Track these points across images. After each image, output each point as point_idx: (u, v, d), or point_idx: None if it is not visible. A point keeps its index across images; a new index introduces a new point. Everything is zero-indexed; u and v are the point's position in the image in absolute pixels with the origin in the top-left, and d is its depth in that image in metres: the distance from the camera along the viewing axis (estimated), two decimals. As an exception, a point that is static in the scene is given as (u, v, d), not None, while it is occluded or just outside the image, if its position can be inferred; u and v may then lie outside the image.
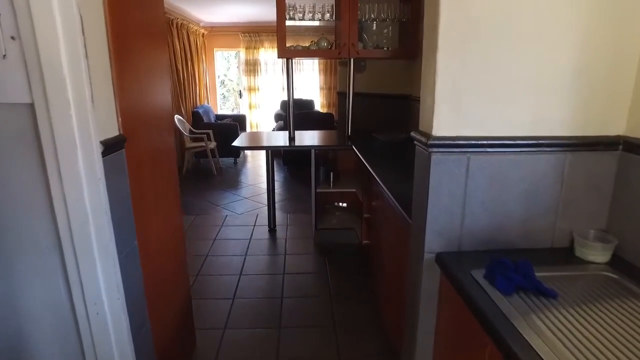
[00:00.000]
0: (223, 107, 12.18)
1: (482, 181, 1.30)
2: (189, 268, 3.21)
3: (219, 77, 12.73)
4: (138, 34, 1.63)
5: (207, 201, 4.97)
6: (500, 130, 1.27)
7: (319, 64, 8.86)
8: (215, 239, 3.84)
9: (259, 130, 9.11)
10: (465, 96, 1.24)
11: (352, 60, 3.43)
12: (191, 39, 7.27)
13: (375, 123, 3.97)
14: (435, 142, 1.25)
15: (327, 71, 8.86)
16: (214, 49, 8.70)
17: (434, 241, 1.35)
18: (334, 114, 9.09)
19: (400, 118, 3.70)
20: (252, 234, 3.93)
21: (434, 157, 1.27)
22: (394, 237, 2.02)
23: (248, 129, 8.44)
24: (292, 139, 3.54)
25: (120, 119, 1.37)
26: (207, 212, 4.61)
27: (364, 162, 2.69)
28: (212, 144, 6.37)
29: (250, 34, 8.47)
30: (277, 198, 4.96)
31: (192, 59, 7.27)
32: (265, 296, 2.89)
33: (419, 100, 1.40)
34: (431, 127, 1.27)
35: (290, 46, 3.37)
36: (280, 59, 3.53)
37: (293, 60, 3.49)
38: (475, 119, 1.26)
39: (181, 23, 6.71)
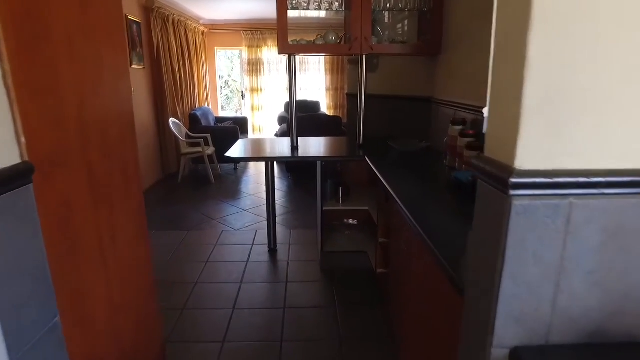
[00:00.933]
0: (227, 108, 11.75)
1: (592, 239, 0.81)
2: (174, 298, 2.77)
3: (221, 77, 12.31)
4: (69, 34, 1.18)
5: (202, 214, 4.51)
6: (627, 160, 0.78)
7: (325, 63, 8.38)
8: (207, 261, 3.37)
9: (261, 133, 8.65)
10: (572, 104, 0.75)
11: (364, 57, 2.95)
12: (189, 37, 6.82)
13: (390, 129, 3.48)
14: (521, 180, 0.76)
15: (334, 70, 8.38)
16: (215, 48, 8.25)
17: (508, 330, 0.87)
18: (341, 116, 8.63)
19: (419, 124, 3.21)
20: (249, 255, 3.46)
21: (516, 203, 0.78)
22: (427, 283, 1.53)
23: (250, 133, 7.98)
24: (295, 147, 3.06)
25: (24, 141, 0.90)
26: (202, 227, 4.14)
27: (380, 178, 2.21)
28: (210, 150, 5.91)
29: (253, 31, 8.01)
30: (279, 211, 4.48)
31: (190, 58, 6.82)
32: (262, 339, 2.41)
33: (443, 104, 0.90)
34: (512, 155, 0.78)
35: (293, 41, 2.90)
36: (284, 57, 3.04)
37: (297, 58, 3.01)
38: (585, 142, 0.77)
39: (178, 20, 6.26)
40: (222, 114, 8.98)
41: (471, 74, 2.46)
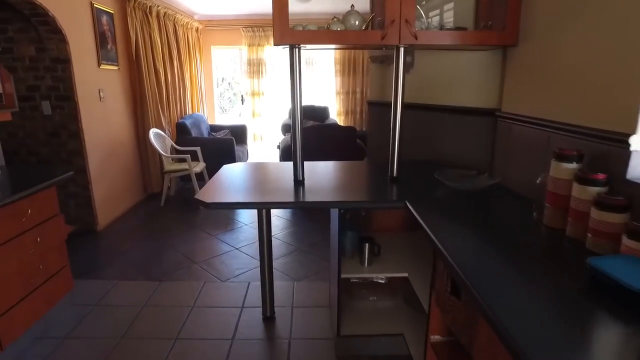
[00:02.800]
0: (231, 112, 10.81)
1: None
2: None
3: (224, 79, 11.40)
4: None
5: (182, 253, 3.56)
6: None
7: (336, 62, 7.41)
8: (177, 337, 2.41)
9: (262, 142, 7.70)
10: None
11: (401, 51, 1.98)
12: (180, 33, 5.89)
13: (432, 152, 2.51)
14: None
15: (347, 71, 7.41)
16: (211, 47, 7.32)
17: None
18: (355, 126, 7.67)
19: (477, 148, 2.23)
20: (236, 328, 2.50)
21: None
22: None
23: (250, 143, 7.03)
24: (300, 182, 2.09)
25: None
26: (178, 274, 3.18)
27: (441, 249, 1.26)
28: (200, 166, 4.96)
29: (254, 28, 7.08)
30: (280, 250, 3.52)
31: (180, 57, 5.89)
32: None
33: (520, 121, 0.10)
34: None
35: (297, 26, 1.95)
36: (287, 53, 2.08)
37: (302, 54, 2.05)
38: None
39: (165, 12, 5.33)
40: (221, 120, 8.05)
41: (585, 75, 1.49)
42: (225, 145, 5.36)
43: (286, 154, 4.79)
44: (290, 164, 2.22)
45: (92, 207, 3.99)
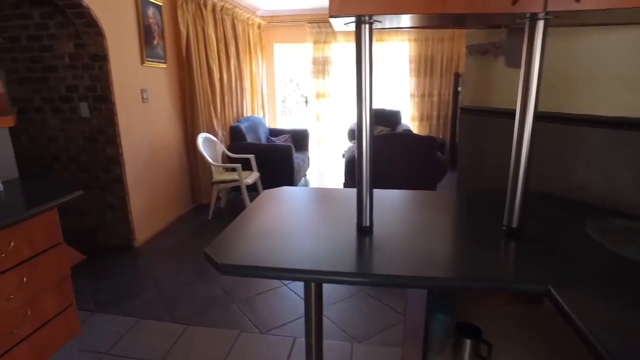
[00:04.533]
0: (296, 114, 10.30)
1: None
2: None
3: (292, 80, 10.95)
4: None
5: (219, 286, 2.96)
6: None
7: (411, 61, 6.55)
8: None
9: (326, 148, 7.03)
10: None
11: (540, 25, 1.17)
12: (239, 29, 5.40)
13: (565, 183, 1.65)
14: None
15: (423, 71, 6.52)
16: (274, 44, 6.80)
17: None
18: (430, 133, 6.74)
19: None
20: (269, 415, 1.81)
21: None
22: None
23: (311, 150, 6.39)
24: (366, 230, 1.35)
25: None
26: (211, 317, 2.58)
27: None
28: (253, 176, 4.39)
29: (320, 23, 6.44)
30: (336, 289, 2.79)
31: (238, 55, 5.40)
32: None
33: None
34: None
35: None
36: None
37: (370, 37, 1.28)
38: None
39: (222, 6, 4.85)
40: (282, 124, 7.52)
41: None
42: (283, 152, 4.75)
43: (352, 167, 4.07)
44: (352, 191, 1.49)
45: (129, 220, 3.55)
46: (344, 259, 1.19)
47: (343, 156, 5.17)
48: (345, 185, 5.31)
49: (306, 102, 7.25)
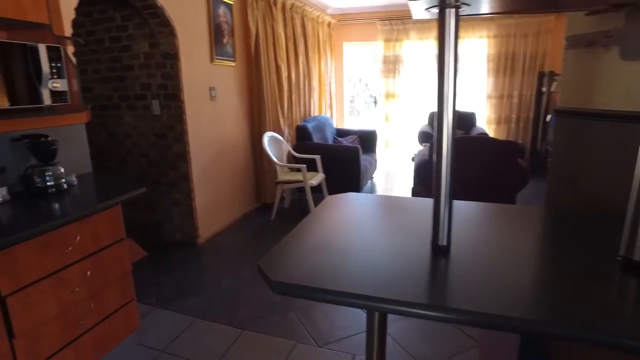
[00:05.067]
0: (364, 115, 10.11)
1: None
2: None
3: (361, 79, 10.77)
4: None
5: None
6: None
7: (489, 59, 6.09)
8: None
9: (395, 150, 6.77)
10: None
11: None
12: (309, 27, 5.33)
13: None
14: None
15: (502, 70, 6.03)
16: (343, 43, 6.67)
17: None
18: (507, 137, 6.22)
19: None
20: None
21: None
22: None
23: (379, 152, 6.17)
24: (443, 250, 1.15)
25: None
26: (268, 323, 2.49)
27: None
28: (317, 177, 4.28)
29: (392, 21, 6.20)
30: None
31: (307, 54, 5.33)
32: None
33: None
34: None
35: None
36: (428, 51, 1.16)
37: (452, 30, 1.07)
38: None
39: (292, 4, 4.81)
40: (349, 124, 7.36)
41: None
42: (350, 154, 4.60)
43: (422, 171, 3.81)
44: (426, 202, 1.30)
45: (193, 217, 3.59)
46: (415, 285, 1.00)
47: (413, 159, 4.89)
48: (414, 190, 5.03)
49: (375, 102, 7.04)
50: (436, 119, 1.11)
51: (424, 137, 5.81)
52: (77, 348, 1.86)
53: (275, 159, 4.15)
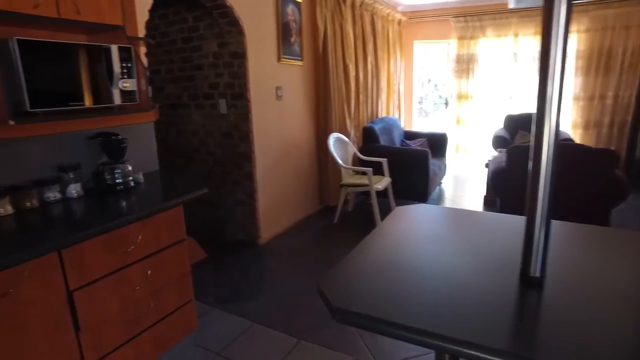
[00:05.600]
0: (433, 116, 9.70)
1: None
2: None
3: (430, 80, 10.37)
4: None
5: (337, 299, 2.74)
6: None
7: (579, 56, 5.50)
8: None
9: (466, 155, 6.38)
10: None
11: None
12: (378, 26, 5.16)
13: None
14: None
15: (595, 68, 5.42)
16: (414, 41, 6.40)
17: None
18: (596, 144, 5.59)
19: None
20: None
21: None
22: None
23: (449, 156, 5.83)
24: (534, 282, 0.95)
25: None
26: (326, 335, 2.37)
27: None
28: (383, 182, 4.10)
29: (467, 17, 5.83)
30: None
31: (376, 53, 5.16)
32: None
33: None
34: None
35: None
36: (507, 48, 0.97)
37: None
38: None
39: (362, 2, 4.66)
40: (419, 126, 7.07)
41: None
42: (418, 157, 4.36)
43: (497, 179, 3.50)
44: (512, 219, 1.10)
45: (255, 217, 3.58)
46: (497, 326, 0.82)
47: (486, 166, 4.54)
48: (487, 198, 4.67)
49: (446, 103, 6.68)
50: (534, 123, 0.92)
51: (500, 142, 5.38)
52: (136, 345, 1.87)
53: (340, 161, 4.03)
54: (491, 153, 5.27)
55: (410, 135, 5.65)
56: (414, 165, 4.33)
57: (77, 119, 1.79)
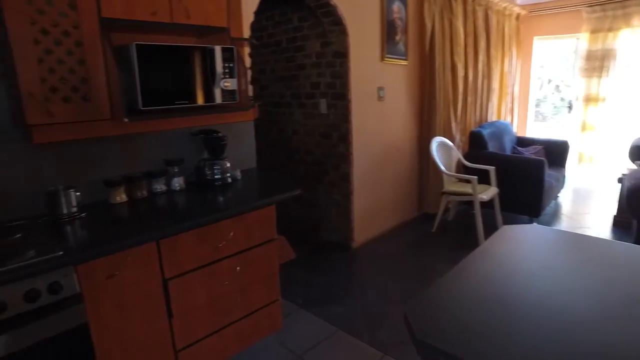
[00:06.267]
0: (553, 121, 8.72)
1: None
2: None
3: (550, 81, 9.35)
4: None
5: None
6: None
7: None
8: None
9: (591, 166, 5.57)
10: None
11: None
12: (492, 21, 4.74)
13: None
14: None
15: None
16: (534, 38, 5.77)
17: None
18: None
19: None
20: None
21: None
22: None
23: (570, 168, 5.14)
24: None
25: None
26: (411, 354, 2.17)
27: None
28: (489, 192, 3.74)
29: (604, 6, 5.06)
30: None
31: (489, 51, 4.75)
32: None
33: None
34: None
35: None
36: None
37: None
38: None
39: (477, -4, 4.32)
40: (534, 132, 6.38)
41: None
42: (532, 167, 3.90)
43: (635, 198, 2.96)
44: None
45: (350, 219, 3.51)
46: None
47: (620, 181, 3.90)
48: (618, 219, 4.00)
49: (569, 107, 5.92)
50: None
51: (638, 153, 4.58)
52: (222, 337, 1.92)
53: (442, 167, 3.78)
54: (627, 166, 4.51)
55: (523, 142, 5.11)
56: (526, 175, 3.88)
57: (182, 116, 1.90)
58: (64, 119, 1.54)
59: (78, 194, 1.73)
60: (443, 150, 3.97)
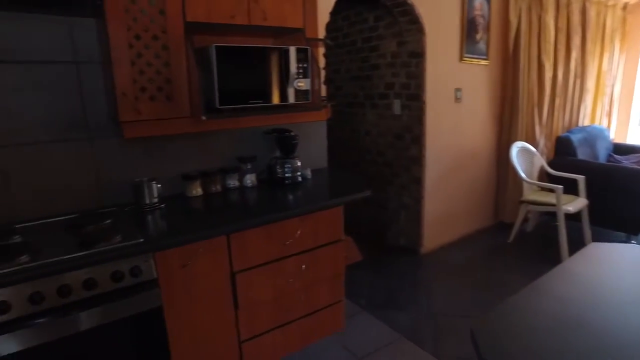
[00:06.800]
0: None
1: None
2: None
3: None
4: None
5: None
6: None
7: None
8: None
9: None
10: None
11: None
12: (591, 14, 4.31)
13: None
14: None
15: None
16: (641, 33, 5.15)
17: None
18: None
19: None
20: None
21: None
22: None
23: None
24: None
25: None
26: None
27: None
28: (577, 203, 3.42)
29: None
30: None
31: (584, 48, 4.33)
32: None
33: None
34: None
35: None
36: None
37: None
38: None
39: (572, -12, 3.95)
40: (636, 139, 5.70)
41: None
42: (630, 178, 3.49)
43: None
44: None
45: (420, 224, 3.41)
46: None
47: None
48: None
49: (682, 110, 5.21)
50: None
51: None
52: (285, 332, 1.96)
53: (523, 174, 3.52)
54: None
55: (621, 149, 4.59)
56: (623, 186, 3.48)
57: (256, 115, 1.96)
58: (150, 117, 1.66)
59: (159, 186, 1.86)
60: (524, 156, 3.71)
